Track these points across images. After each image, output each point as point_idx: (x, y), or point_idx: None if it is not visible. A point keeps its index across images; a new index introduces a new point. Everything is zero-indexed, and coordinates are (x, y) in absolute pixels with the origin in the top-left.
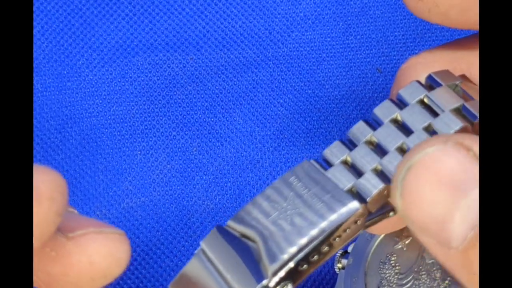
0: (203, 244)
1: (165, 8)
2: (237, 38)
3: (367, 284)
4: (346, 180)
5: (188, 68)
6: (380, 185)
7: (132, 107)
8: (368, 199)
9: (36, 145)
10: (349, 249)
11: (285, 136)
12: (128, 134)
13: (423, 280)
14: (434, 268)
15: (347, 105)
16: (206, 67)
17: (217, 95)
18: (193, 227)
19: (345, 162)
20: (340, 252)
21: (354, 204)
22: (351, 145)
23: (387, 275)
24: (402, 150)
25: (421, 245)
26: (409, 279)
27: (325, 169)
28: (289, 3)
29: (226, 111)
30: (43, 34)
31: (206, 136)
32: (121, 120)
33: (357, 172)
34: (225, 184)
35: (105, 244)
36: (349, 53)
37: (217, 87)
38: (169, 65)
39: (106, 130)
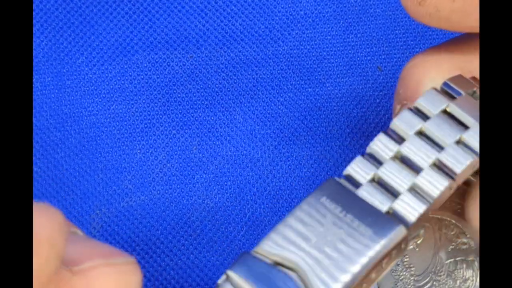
0: (230, 272)
1: (165, 6)
2: (237, 36)
3: (380, 287)
4: (381, 203)
5: (188, 66)
6: (422, 208)
7: (132, 106)
8: (411, 223)
9: (36, 144)
10: None
11: (285, 134)
12: (128, 133)
13: (443, 281)
14: (454, 268)
15: (348, 103)
16: (206, 65)
17: (217, 93)
18: (193, 226)
19: (373, 180)
20: None
21: (402, 230)
22: (374, 161)
23: (402, 277)
24: (437, 167)
25: (435, 244)
26: (426, 280)
27: (354, 188)
28: (290, 1)
29: (226, 109)
30: (42, 32)
31: (206, 134)
32: (121, 119)
33: (390, 192)
34: (225, 183)
35: (114, 278)
36: (350, 51)
37: (217, 85)
38: (168, 63)
39: (106, 129)
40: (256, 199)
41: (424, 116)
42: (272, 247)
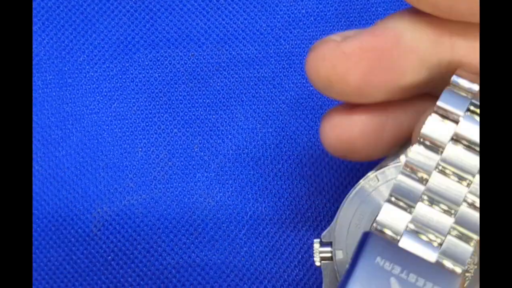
0: None
1: (166, 4)
2: (238, 35)
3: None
4: (429, 255)
5: (190, 65)
6: (470, 250)
7: (133, 104)
8: (465, 267)
9: (37, 142)
10: (323, 236)
11: (287, 133)
12: (129, 131)
13: None
14: None
15: None
16: (207, 64)
17: (219, 92)
18: (194, 225)
19: (408, 228)
20: (318, 241)
21: (460, 279)
22: (403, 203)
23: None
24: (470, 204)
25: None
26: None
27: (396, 239)
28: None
29: (228, 108)
30: (43, 31)
31: (207, 133)
32: (122, 117)
33: (432, 234)
34: (227, 181)
35: None
36: None
37: (218, 84)
38: (170, 62)
39: (107, 127)
40: (257, 197)
41: (437, 147)
42: None
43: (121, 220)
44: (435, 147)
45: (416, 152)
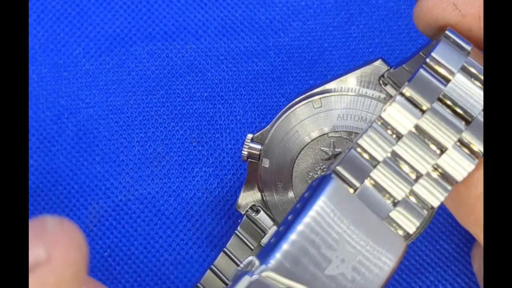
0: None
1: None
2: (237, 27)
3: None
4: (383, 212)
5: (187, 58)
6: (421, 219)
7: (130, 98)
8: (412, 233)
9: (32, 136)
10: (256, 137)
11: None
12: (126, 125)
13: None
14: None
15: None
16: (205, 57)
17: (217, 85)
18: (192, 220)
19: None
20: (251, 136)
21: (405, 246)
22: (370, 160)
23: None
24: (436, 170)
25: None
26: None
27: (353, 188)
28: None
29: (226, 101)
30: (39, 23)
31: (205, 127)
32: (119, 111)
33: (390, 195)
34: (225, 176)
35: None
36: (352, 43)
37: (216, 77)
38: (167, 55)
39: (103, 121)
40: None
41: (418, 109)
42: (282, 273)
43: (117, 216)
44: (415, 107)
45: (395, 110)
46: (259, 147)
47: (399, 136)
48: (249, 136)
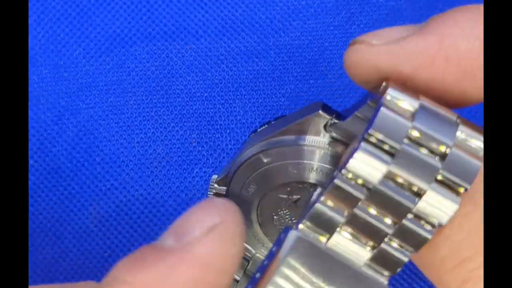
0: None
1: None
2: (237, 27)
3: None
4: (360, 257)
5: (187, 58)
6: (406, 259)
7: (130, 98)
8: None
9: (32, 137)
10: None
11: None
12: (126, 126)
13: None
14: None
15: (350, 95)
16: (205, 57)
17: (217, 85)
18: None
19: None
20: (216, 179)
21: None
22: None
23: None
24: (417, 217)
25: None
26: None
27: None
28: None
29: (226, 101)
30: (39, 24)
31: (205, 127)
32: (119, 111)
33: (367, 243)
34: None
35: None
36: None
37: (216, 77)
38: (167, 55)
39: (103, 121)
40: None
41: (390, 150)
42: None
43: (117, 216)
44: (384, 149)
45: (360, 159)
46: (224, 188)
47: (368, 188)
48: (214, 177)
